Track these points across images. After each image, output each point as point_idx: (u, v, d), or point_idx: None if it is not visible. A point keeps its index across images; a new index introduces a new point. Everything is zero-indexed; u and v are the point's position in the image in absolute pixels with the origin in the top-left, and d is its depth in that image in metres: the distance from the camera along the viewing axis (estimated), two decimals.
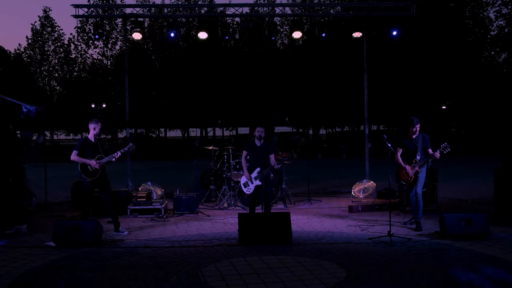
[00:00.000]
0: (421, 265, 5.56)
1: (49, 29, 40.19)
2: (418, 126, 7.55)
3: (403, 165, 7.63)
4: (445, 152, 7.29)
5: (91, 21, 33.76)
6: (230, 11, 12.27)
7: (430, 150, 7.44)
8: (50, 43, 40.33)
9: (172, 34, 11.17)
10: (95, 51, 55.88)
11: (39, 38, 39.92)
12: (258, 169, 7.69)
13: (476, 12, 32.84)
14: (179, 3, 30.24)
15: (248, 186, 7.79)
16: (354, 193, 10.63)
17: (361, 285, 4.91)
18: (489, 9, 32.85)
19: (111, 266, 5.69)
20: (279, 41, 37.57)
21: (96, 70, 39.61)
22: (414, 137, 7.59)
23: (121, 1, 38.48)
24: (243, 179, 7.89)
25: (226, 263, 5.73)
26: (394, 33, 11.23)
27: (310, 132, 41.55)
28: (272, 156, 7.76)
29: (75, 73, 41.19)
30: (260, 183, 7.65)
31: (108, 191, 7.51)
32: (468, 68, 29.87)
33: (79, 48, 39.80)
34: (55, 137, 46.47)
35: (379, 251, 6.25)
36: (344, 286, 4.88)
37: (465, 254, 6.04)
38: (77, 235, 6.60)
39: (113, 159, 7.38)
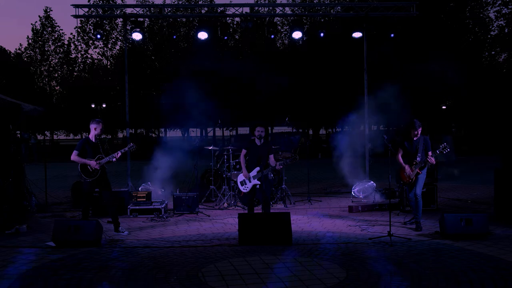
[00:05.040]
0: (421, 265, 5.57)
1: (49, 29, 40.20)
2: (420, 129, 7.55)
3: (403, 165, 7.63)
4: (444, 152, 7.29)
5: (91, 21, 33.80)
6: (230, 11, 12.26)
7: (430, 153, 7.44)
8: (50, 43, 40.35)
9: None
10: (95, 51, 55.85)
11: (39, 38, 39.93)
12: (257, 169, 7.68)
13: (476, 12, 32.82)
14: (179, 3, 30.20)
15: (245, 184, 7.77)
16: (354, 193, 10.63)
17: (361, 285, 4.91)
18: (489, 9, 32.85)
19: (111, 266, 5.70)
20: (279, 41, 37.57)
21: (96, 70, 39.61)
22: (415, 139, 7.58)
23: (122, 1, 38.50)
24: (240, 177, 7.87)
25: (226, 263, 5.73)
26: (392, 35, 11.28)
27: (310, 132, 41.54)
28: (271, 157, 7.75)
29: (75, 73, 41.21)
30: (258, 182, 7.64)
31: (109, 190, 7.50)
32: (468, 68, 29.85)
33: (79, 48, 39.86)
34: (55, 137, 46.47)
35: (379, 251, 6.25)
36: (344, 286, 4.88)
37: (465, 254, 6.04)
38: (77, 235, 6.60)
39: (114, 159, 7.37)
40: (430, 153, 7.43)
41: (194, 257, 6.05)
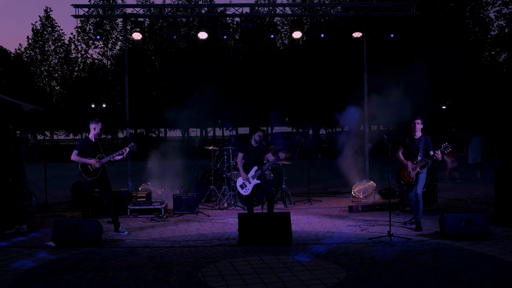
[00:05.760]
0: (421, 265, 5.57)
1: (50, 29, 40.21)
2: (418, 121, 7.53)
3: (405, 162, 7.60)
4: (446, 152, 7.29)
5: (91, 21, 33.82)
6: (230, 11, 12.27)
7: (431, 152, 7.43)
8: (50, 43, 40.35)
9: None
10: (95, 51, 55.92)
11: (40, 38, 39.93)
12: (255, 168, 7.69)
13: (476, 12, 32.81)
14: (179, 3, 30.23)
15: (246, 186, 7.78)
16: (354, 193, 10.63)
17: (361, 285, 4.91)
18: (489, 9, 32.84)
19: (111, 266, 5.69)
20: (279, 41, 37.56)
21: (96, 70, 39.62)
22: (416, 137, 7.57)
23: (122, 1, 38.50)
24: (239, 181, 7.88)
25: (226, 263, 5.73)
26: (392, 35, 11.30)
27: (310, 132, 41.53)
28: (269, 155, 7.83)
29: (75, 73, 41.22)
30: (258, 181, 7.65)
31: (109, 190, 7.50)
32: (468, 68, 29.86)
33: (79, 48, 39.88)
34: (55, 137, 46.48)
35: (379, 251, 6.25)
36: (344, 286, 4.88)
37: (465, 254, 6.04)
38: (77, 235, 6.60)
39: (120, 157, 7.35)
40: (431, 152, 7.42)
41: (194, 257, 6.05)
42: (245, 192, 7.81)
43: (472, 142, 14.17)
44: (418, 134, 7.59)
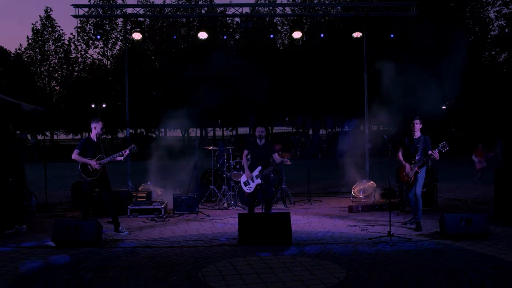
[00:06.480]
0: (421, 265, 5.56)
1: (50, 29, 40.23)
2: (417, 121, 7.54)
3: (404, 163, 7.62)
4: (443, 151, 7.28)
5: (91, 21, 33.85)
6: (230, 11, 12.27)
7: (430, 152, 7.43)
8: (50, 43, 40.38)
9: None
10: (95, 51, 55.98)
11: (40, 38, 39.96)
12: (259, 168, 7.69)
13: (476, 12, 32.83)
14: (179, 3, 30.21)
15: (249, 184, 7.79)
16: (354, 193, 10.63)
17: (361, 285, 4.91)
18: (489, 9, 32.85)
19: (111, 266, 5.69)
20: (279, 41, 37.57)
21: (96, 70, 39.65)
22: (415, 137, 7.58)
23: (122, 1, 38.52)
24: (243, 178, 7.89)
25: (226, 263, 5.73)
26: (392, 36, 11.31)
27: (310, 132, 41.55)
28: (276, 155, 7.81)
29: (75, 73, 41.24)
30: (261, 181, 7.66)
31: (109, 191, 7.49)
32: (468, 68, 29.84)
33: (79, 48, 39.90)
34: (55, 137, 46.49)
35: (379, 251, 6.25)
36: (344, 286, 4.88)
37: (465, 254, 6.04)
38: (77, 235, 6.60)
39: (117, 159, 7.34)
40: (430, 151, 7.42)
41: (194, 257, 6.04)
42: (248, 189, 7.83)
43: (499, 145, 13.56)
44: (417, 134, 7.59)
